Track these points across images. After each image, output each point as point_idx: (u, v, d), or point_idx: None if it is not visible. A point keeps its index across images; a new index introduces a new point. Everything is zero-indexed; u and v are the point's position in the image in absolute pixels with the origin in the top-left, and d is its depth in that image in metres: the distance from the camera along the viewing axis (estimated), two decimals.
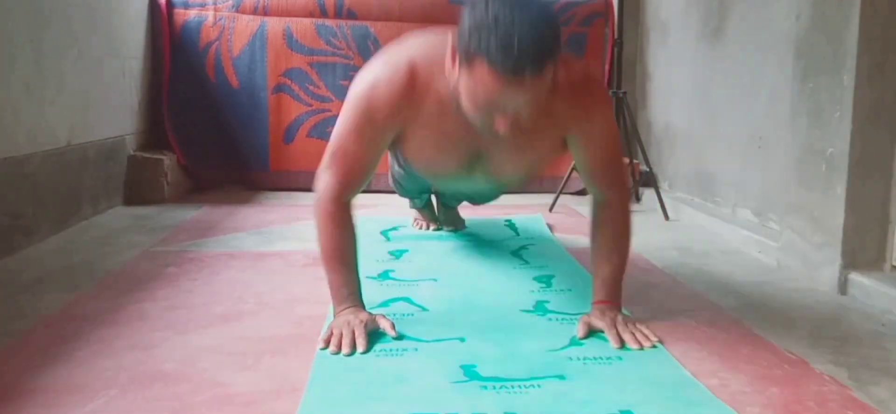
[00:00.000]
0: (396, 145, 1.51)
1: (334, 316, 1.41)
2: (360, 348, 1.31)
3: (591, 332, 1.41)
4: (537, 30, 1.13)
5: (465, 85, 1.21)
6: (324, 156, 1.45)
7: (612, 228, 1.49)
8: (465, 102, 1.24)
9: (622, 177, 1.51)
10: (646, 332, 1.39)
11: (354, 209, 1.47)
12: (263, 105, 3.29)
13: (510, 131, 1.22)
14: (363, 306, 1.43)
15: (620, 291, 1.49)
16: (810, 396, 1.16)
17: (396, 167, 1.95)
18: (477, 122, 1.27)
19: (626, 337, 1.37)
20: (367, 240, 2.23)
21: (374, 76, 1.38)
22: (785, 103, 2.04)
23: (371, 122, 1.38)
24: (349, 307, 1.41)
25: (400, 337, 1.38)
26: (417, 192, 2.17)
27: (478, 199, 2.18)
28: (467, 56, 1.17)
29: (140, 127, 3.07)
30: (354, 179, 1.42)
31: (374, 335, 1.37)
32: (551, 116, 1.35)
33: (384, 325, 1.40)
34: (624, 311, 1.50)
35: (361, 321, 1.37)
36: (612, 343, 1.36)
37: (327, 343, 1.33)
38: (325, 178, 1.43)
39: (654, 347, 1.35)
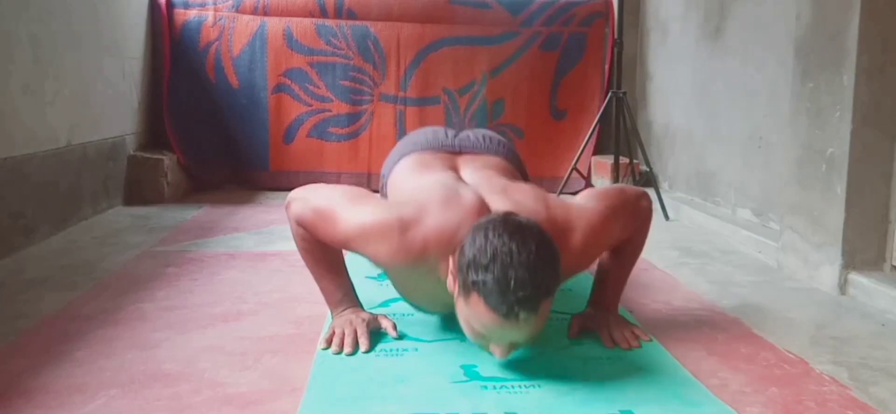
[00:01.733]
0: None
1: (333, 317, 1.41)
2: (362, 347, 1.32)
3: (584, 331, 1.41)
4: (536, 271, 1.09)
5: (461, 309, 1.17)
6: (309, 189, 1.41)
7: (632, 244, 1.44)
8: (463, 324, 1.19)
9: (634, 212, 1.41)
10: (638, 333, 1.39)
11: None
12: (263, 105, 3.29)
13: (505, 357, 1.19)
14: (361, 305, 1.43)
15: (619, 296, 1.48)
16: (810, 396, 1.16)
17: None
18: (474, 342, 1.22)
19: (617, 337, 1.37)
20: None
21: (387, 227, 1.25)
22: (785, 103, 2.04)
23: (359, 248, 1.29)
24: (348, 307, 1.41)
25: (401, 337, 1.38)
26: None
27: None
28: (465, 286, 1.13)
29: (140, 127, 3.07)
30: (319, 238, 1.36)
31: (375, 335, 1.37)
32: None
33: (385, 324, 1.40)
34: (621, 311, 1.50)
35: (363, 320, 1.37)
36: (604, 343, 1.36)
37: (329, 343, 1.33)
38: (300, 208, 1.36)
39: (643, 345, 1.35)
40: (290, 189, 1.46)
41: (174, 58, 3.22)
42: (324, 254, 1.39)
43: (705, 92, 2.80)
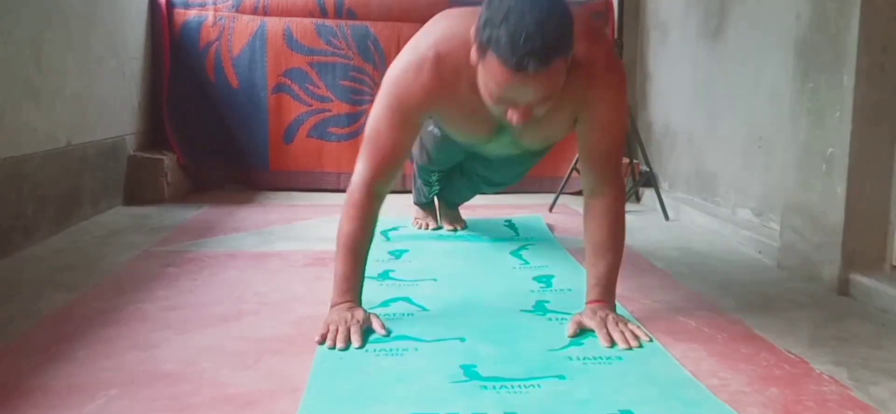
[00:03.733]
0: (431, 116, 1.58)
1: (330, 308, 1.42)
2: (355, 343, 1.32)
3: (582, 331, 1.41)
4: (546, 25, 1.17)
5: (480, 74, 1.27)
6: (361, 146, 1.50)
7: (607, 224, 1.49)
8: (482, 91, 1.29)
9: (618, 172, 1.53)
10: (636, 331, 1.40)
11: (380, 208, 1.49)
12: (263, 105, 3.29)
13: (523, 123, 1.27)
14: (360, 305, 1.44)
15: (614, 289, 1.49)
16: (810, 396, 1.16)
17: (431, 129, 1.99)
18: (493, 111, 1.32)
19: (616, 336, 1.37)
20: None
21: (403, 65, 1.43)
22: (785, 103, 2.04)
23: (401, 111, 1.43)
24: (346, 302, 1.42)
25: (397, 335, 1.38)
26: (446, 162, 2.17)
27: (503, 175, 2.16)
28: (481, 47, 1.23)
29: (140, 127, 3.07)
30: (386, 166, 1.46)
31: (368, 333, 1.38)
32: (567, 95, 1.37)
33: (375, 325, 1.41)
34: (618, 308, 1.50)
35: (357, 319, 1.39)
36: (602, 342, 1.36)
37: (323, 338, 1.34)
38: (358, 167, 1.46)
39: (642, 346, 1.35)
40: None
41: (174, 58, 3.22)
42: (357, 239, 1.44)
43: (705, 92, 2.80)
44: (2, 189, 1.97)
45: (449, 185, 2.31)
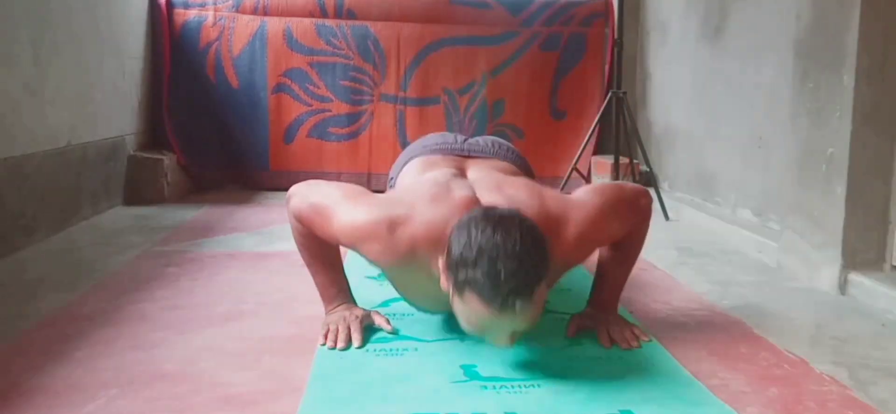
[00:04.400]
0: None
1: (326, 314, 1.42)
2: (355, 343, 1.32)
3: (582, 331, 1.41)
4: (523, 259, 1.09)
5: (458, 307, 1.16)
6: (309, 185, 1.41)
7: (631, 242, 1.44)
8: (461, 320, 1.18)
9: (632, 209, 1.40)
10: (637, 332, 1.39)
11: None
12: (263, 105, 3.29)
13: (509, 345, 1.18)
14: (355, 303, 1.44)
15: (618, 295, 1.48)
16: (810, 396, 1.16)
17: None
18: (475, 336, 1.23)
19: (616, 336, 1.37)
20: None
21: (376, 227, 1.25)
22: (785, 103, 2.04)
23: (353, 246, 1.30)
24: (341, 304, 1.42)
25: (398, 335, 1.39)
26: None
27: None
28: (457, 285, 1.13)
29: (140, 127, 3.07)
30: (317, 234, 1.36)
31: (369, 330, 1.38)
32: (552, 282, 1.30)
33: (379, 320, 1.41)
34: (622, 311, 1.50)
35: (356, 316, 1.38)
36: (602, 342, 1.36)
37: (325, 339, 1.34)
38: (299, 203, 1.37)
39: (642, 347, 1.35)
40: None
41: (174, 58, 3.22)
42: (321, 249, 1.39)
43: (705, 92, 2.80)
44: (2, 189, 1.97)
45: None
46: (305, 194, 1.38)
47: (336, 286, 1.44)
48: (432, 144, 1.64)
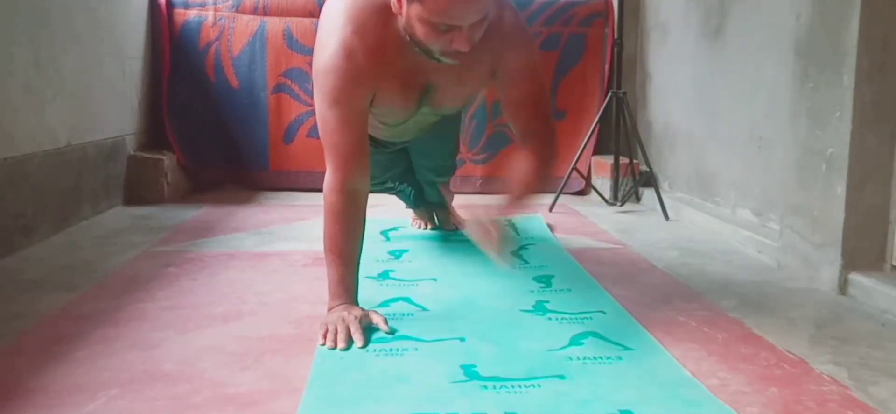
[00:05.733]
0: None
1: (326, 313, 1.43)
2: (357, 342, 1.33)
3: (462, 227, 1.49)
4: None
5: (418, 17, 1.30)
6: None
7: (539, 146, 1.56)
8: (421, 34, 1.33)
9: (548, 112, 1.59)
10: (498, 232, 1.40)
11: (364, 206, 1.49)
12: (263, 105, 3.29)
13: (466, 46, 1.32)
14: (357, 304, 1.44)
15: (523, 192, 1.55)
16: (810, 396, 1.16)
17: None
18: (435, 49, 1.35)
19: (476, 231, 1.41)
20: (367, 240, 2.22)
21: (331, 55, 1.42)
22: (785, 103, 2.04)
23: (346, 103, 1.43)
24: (342, 303, 1.43)
25: (397, 335, 1.39)
26: (381, 174, 2.15)
27: (436, 157, 2.17)
28: None
29: (140, 127, 3.07)
30: (352, 165, 1.45)
31: (369, 330, 1.38)
32: (485, 49, 1.44)
33: (377, 320, 1.41)
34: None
35: (355, 316, 1.39)
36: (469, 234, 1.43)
37: (324, 339, 1.34)
38: (328, 176, 1.47)
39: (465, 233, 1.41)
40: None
41: (174, 58, 3.22)
42: (343, 243, 1.44)
43: (705, 92, 2.80)
44: (2, 189, 1.97)
45: (414, 184, 2.29)
46: (327, 169, 1.47)
47: (344, 285, 1.44)
48: None
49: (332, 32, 1.44)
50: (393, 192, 2.30)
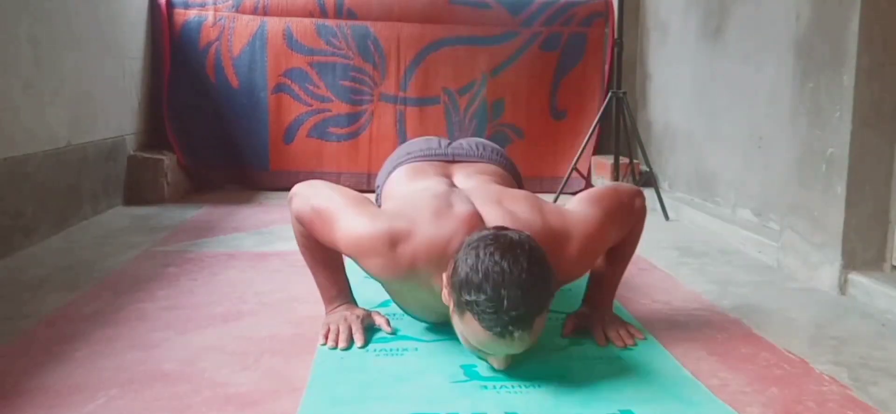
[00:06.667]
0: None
1: (326, 314, 1.42)
2: (358, 342, 1.33)
3: (578, 330, 1.41)
4: (528, 290, 1.08)
5: (457, 325, 1.17)
6: (312, 186, 1.40)
7: (627, 242, 1.45)
8: (460, 337, 1.19)
9: (632, 210, 1.41)
10: (632, 330, 1.40)
11: None
12: (263, 105, 3.29)
13: (504, 368, 1.20)
14: (356, 303, 1.44)
15: (612, 295, 1.49)
16: (810, 396, 1.16)
17: None
18: (473, 353, 1.22)
19: (612, 335, 1.37)
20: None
21: (377, 241, 1.24)
22: (785, 103, 2.04)
23: (353, 255, 1.29)
24: (342, 304, 1.42)
25: (397, 335, 1.39)
26: None
27: None
28: (459, 305, 1.13)
29: (140, 127, 3.07)
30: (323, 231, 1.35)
31: (369, 331, 1.38)
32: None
33: (379, 321, 1.41)
34: (618, 308, 1.50)
35: (357, 316, 1.39)
36: (598, 341, 1.36)
37: (325, 339, 1.34)
38: (300, 204, 1.37)
39: (637, 344, 1.36)
40: (289, 189, 1.46)
41: (174, 58, 3.22)
42: (322, 250, 1.39)
43: (705, 92, 2.80)
44: (2, 189, 1.97)
45: None
46: (308, 197, 1.37)
47: (337, 287, 1.44)
48: (417, 151, 1.64)
49: (391, 231, 1.24)
50: None
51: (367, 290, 1.65)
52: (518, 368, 1.23)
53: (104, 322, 1.46)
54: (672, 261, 2.08)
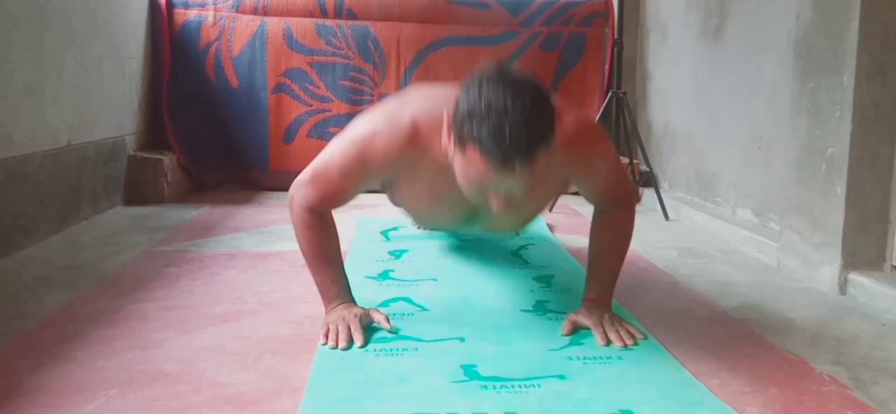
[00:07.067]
0: (389, 185, 1.53)
1: (325, 314, 1.42)
2: (357, 342, 1.33)
3: (578, 329, 1.42)
4: (530, 120, 1.11)
5: (458, 163, 1.20)
6: (307, 168, 1.44)
7: (616, 232, 1.49)
8: (459, 179, 1.23)
9: (628, 189, 1.51)
10: (632, 330, 1.40)
11: (333, 219, 1.46)
12: (263, 105, 3.29)
13: (504, 209, 1.22)
14: (354, 302, 1.44)
15: (612, 290, 1.49)
16: (810, 396, 1.16)
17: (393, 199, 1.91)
18: (471, 197, 1.26)
19: (612, 335, 1.37)
20: (367, 240, 2.23)
21: (374, 126, 1.37)
22: (785, 103, 2.04)
23: (361, 168, 1.37)
24: (341, 303, 1.42)
25: (396, 332, 1.39)
26: (431, 229, 2.12)
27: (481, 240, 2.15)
28: (460, 139, 1.16)
29: (140, 127, 3.07)
30: (330, 202, 1.42)
31: (369, 330, 1.38)
32: (549, 174, 1.30)
33: (378, 318, 1.41)
34: (617, 307, 1.50)
35: (356, 315, 1.39)
36: (598, 340, 1.36)
37: (325, 339, 1.34)
38: (303, 191, 1.41)
39: (638, 344, 1.36)
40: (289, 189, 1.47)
41: (174, 58, 3.22)
42: (323, 246, 1.41)
43: (705, 92, 2.80)
44: (2, 189, 1.97)
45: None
46: (302, 182, 1.42)
47: (337, 286, 1.44)
48: None
49: (390, 113, 1.38)
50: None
51: (367, 290, 1.65)
52: (518, 368, 1.23)
53: (104, 322, 1.46)
54: (672, 261, 2.08)
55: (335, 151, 1.40)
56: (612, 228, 1.49)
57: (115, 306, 1.56)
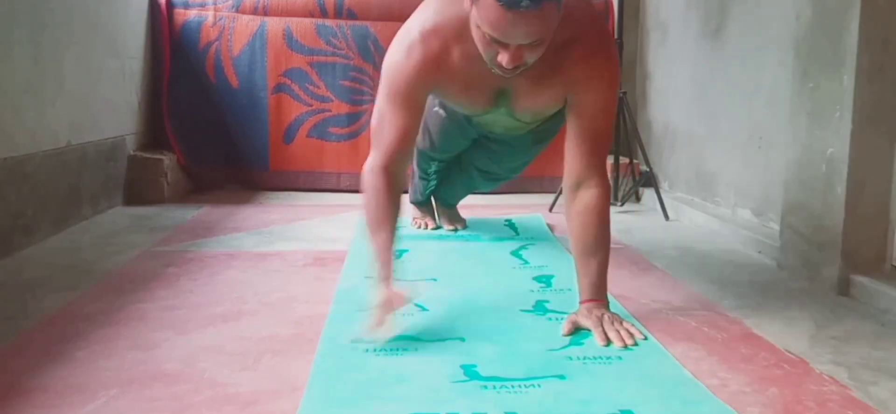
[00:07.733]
0: (432, 93, 1.64)
1: (379, 287, 1.40)
2: (387, 335, 1.33)
3: (578, 330, 1.42)
4: None
5: (474, 21, 1.31)
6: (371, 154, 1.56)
7: (595, 221, 1.48)
8: (477, 41, 1.34)
9: (604, 163, 1.53)
10: (631, 329, 1.40)
11: (401, 184, 1.54)
12: (263, 105, 3.28)
13: (513, 69, 1.31)
14: (394, 279, 1.44)
15: (605, 286, 1.49)
16: (810, 396, 1.16)
17: (437, 110, 2.03)
18: (487, 60, 1.35)
19: (612, 335, 1.38)
20: (367, 239, 2.23)
21: (395, 50, 1.52)
22: (785, 103, 2.04)
23: (400, 94, 1.50)
24: (389, 281, 1.42)
25: (398, 336, 1.38)
26: (449, 148, 2.17)
27: (502, 167, 2.21)
28: None
29: (140, 127, 3.07)
30: (396, 149, 1.51)
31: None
32: (559, 71, 1.45)
33: (410, 295, 1.43)
34: (615, 306, 1.50)
35: (400, 297, 1.39)
36: (598, 341, 1.36)
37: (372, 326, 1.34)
38: (370, 156, 1.54)
39: (638, 344, 1.36)
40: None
41: (174, 58, 3.22)
42: (390, 209, 1.49)
43: (705, 92, 2.80)
44: (2, 189, 1.97)
45: (447, 178, 2.32)
46: (370, 158, 1.54)
47: (390, 253, 1.45)
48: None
49: (403, 33, 1.52)
50: (421, 174, 2.33)
51: (367, 290, 1.65)
52: (518, 368, 1.23)
53: (104, 322, 1.46)
54: (672, 261, 2.08)
55: (378, 101, 1.56)
56: (593, 216, 1.48)
57: (115, 306, 1.56)
